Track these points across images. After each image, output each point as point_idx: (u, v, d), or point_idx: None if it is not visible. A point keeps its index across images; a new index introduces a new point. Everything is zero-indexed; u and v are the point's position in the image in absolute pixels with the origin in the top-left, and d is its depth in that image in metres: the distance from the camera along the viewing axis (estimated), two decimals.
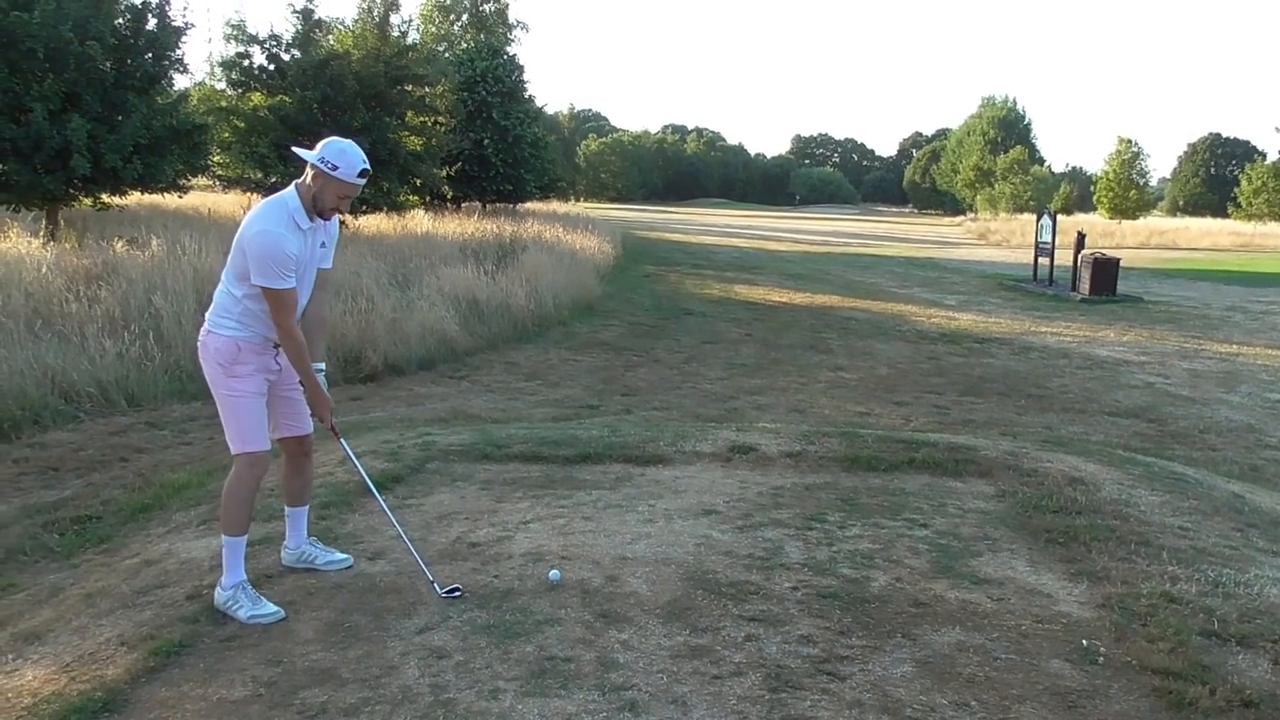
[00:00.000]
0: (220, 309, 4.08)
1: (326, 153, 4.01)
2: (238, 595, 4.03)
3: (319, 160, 3.99)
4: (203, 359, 4.12)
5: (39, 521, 5.90)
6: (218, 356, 4.06)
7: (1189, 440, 9.24)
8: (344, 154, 4.01)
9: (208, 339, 4.09)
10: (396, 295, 13.28)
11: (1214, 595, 4.25)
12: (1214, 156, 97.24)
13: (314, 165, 4.01)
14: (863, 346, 14.48)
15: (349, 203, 4.16)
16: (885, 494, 5.78)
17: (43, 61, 15.26)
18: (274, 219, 3.97)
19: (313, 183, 4.04)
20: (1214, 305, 21.33)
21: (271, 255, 3.90)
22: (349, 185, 4.05)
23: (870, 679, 3.49)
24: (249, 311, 4.03)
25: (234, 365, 4.06)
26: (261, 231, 3.94)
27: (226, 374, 4.06)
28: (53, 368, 8.78)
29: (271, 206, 4.02)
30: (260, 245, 3.92)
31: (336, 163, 3.99)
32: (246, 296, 4.00)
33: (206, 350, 4.10)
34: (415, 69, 25.44)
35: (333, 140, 4.07)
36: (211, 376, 4.11)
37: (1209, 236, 47.80)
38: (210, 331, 4.08)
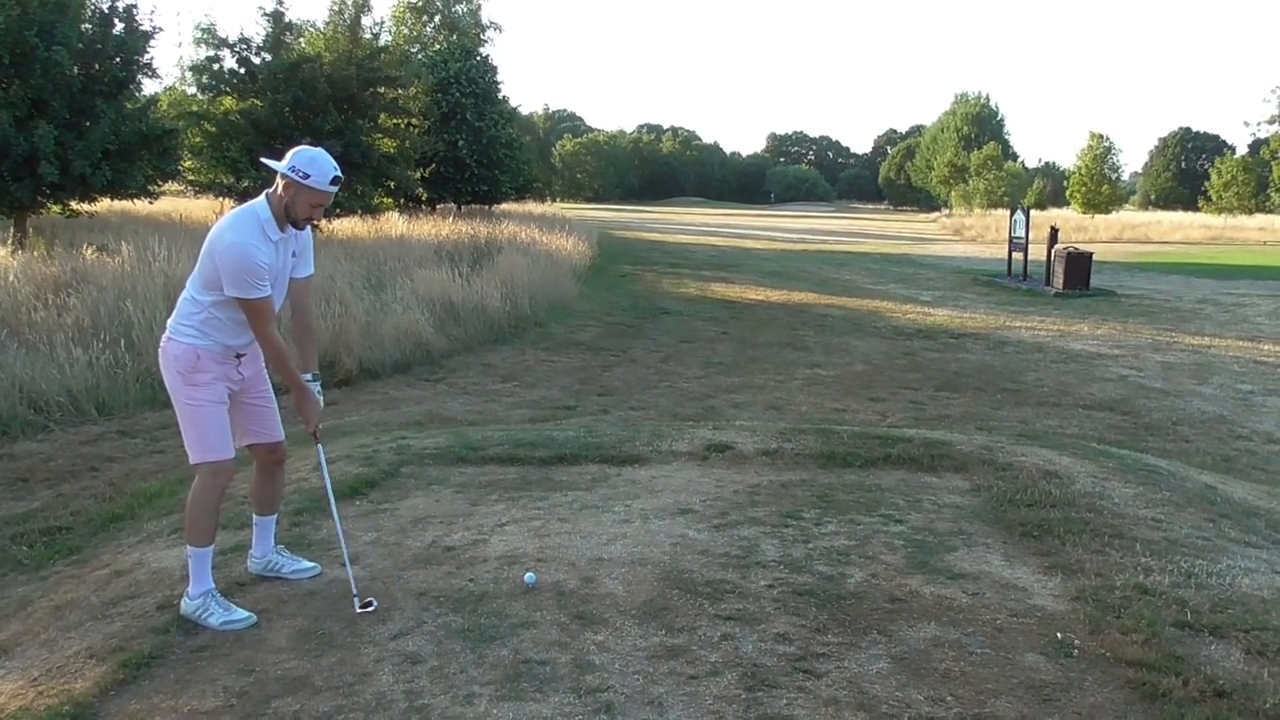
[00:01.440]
0: (182, 315, 4.01)
1: (297, 161, 3.94)
2: (208, 603, 3.98)
3: (289, 169, 3.93)
4: (163, 366, 4.06)
5: (7, 534, 5.83)
6: (177, 364, 3.99)
7: (1162, 432, 9.32)
8: (315, 161, 3.95)
9: (168, 346, 4.03)
10: (371, 298, 13.21)
11: (1187, 586, 4.27)
12: (1185, 151, 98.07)
13: (285, 175, 3.94)
14: (839, 343, 14.52)
15: (322, 211, 4.10)
16: (861, 490, 5.79)
17: (8, 67, 15.11)
18: (245, 229, 3.90)
19: (284, 192, 3.96)
20: (1186, 298, 21.53)
21: (244, 267, 3.84)
22: (321, 194, 3.99)
23: (846, 676, 3.49)
24: (212, 319, 3.97)
25: (193, 373, 3.99)
26: (233, 244, 3.86)
27: (186, 382, 3.99)
28: (21, 377, 8.68)
29: (242, 216, 3.95)
30: (233, 257, 3.84)
31: (308, 170, 3.93)
32: (213, 304, 3.94)
33: (166, 357, 4.04)
34: (388, 71, 25.33)
35: (302, 148, 4.01)
36: (171, 384, 4.05)
37: (1180, 230, 48.26)
38: (170, 339, 4.02)
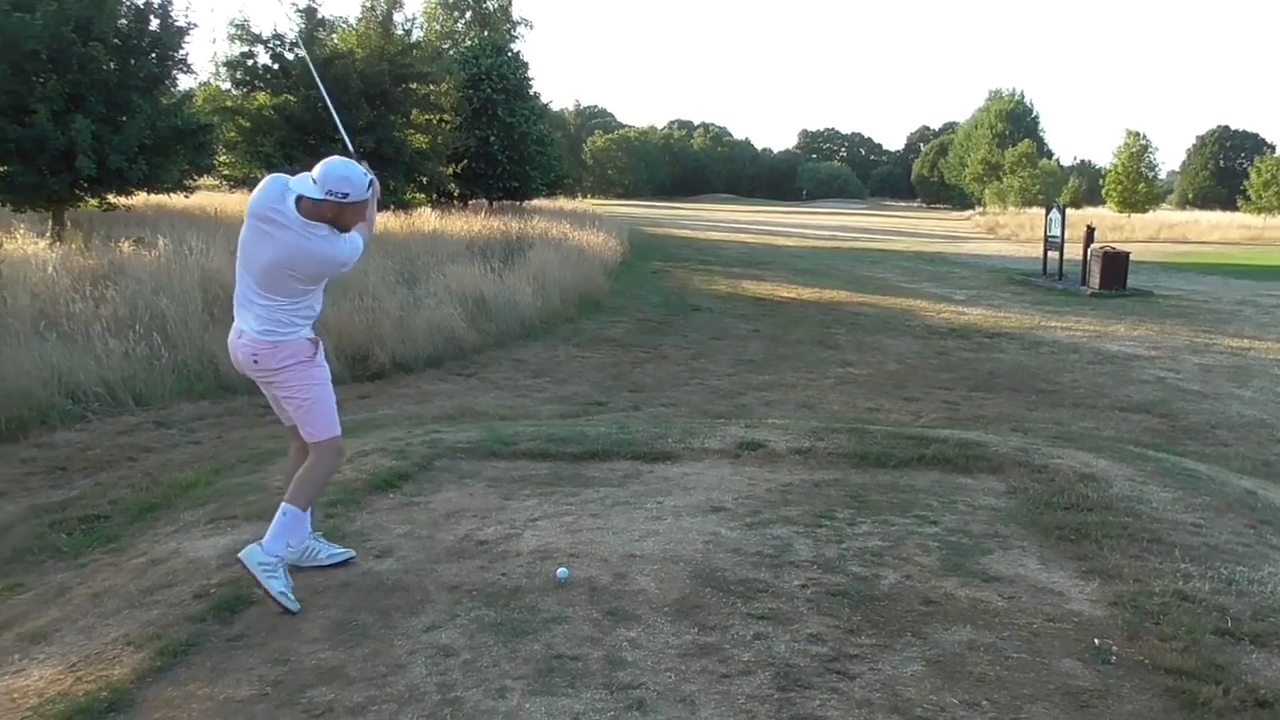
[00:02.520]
0: (282, 318, 4.09)
1: (330, 184, 4.00)
2: (278, 568, 4.02)
3: (327, 195, 3.99)
4: (277, 363, 4.11)
5: (46, 521, 5.90)
6: (300, 354, 4.13)
7: (1200, 436, 9.19)
8: (348, 180, 4.04)
9: (281, 345, 4.09)
10: (404, 293, 13.28)
11: (1227, 593, 4.20)
12: (1223, 149, 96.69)
13: (326, 200, 4.01)
14: (871, 342, 14.44)
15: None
16: (895, 491, 5.75)
17: (45, 63, 15.29)
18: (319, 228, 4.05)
19: (328, 211, 4.04)
20: (1224, 299, 21.23)
21: (333, 249, 4.07)
22: (365, 202, 4.15)
23: (880, 678, 3.46)
24: (312, 311, 4.19)
25: (314, 357, 4.18)
26: (325, 239, 4.05)
27: (312, 365, 4.17)
28: (59, 368, 8.79)
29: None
30: (322, 250, 4.05)
31: (346, 190, 4.02)
32: (310, 295, 4.15)
33: (280, 353, 4.09)
34: (419, 67, 25.48)
35: (326, 169, 4.04)
36: (294, 376, 4.15)
37: (1218, 230, 47.54)
38: (281, 341, 4.08)
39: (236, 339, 4.16)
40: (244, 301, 4.12)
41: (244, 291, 4.11)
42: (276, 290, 4.04)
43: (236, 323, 4.16)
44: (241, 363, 4.19)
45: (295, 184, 4.05)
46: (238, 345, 4.16)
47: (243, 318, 4.13)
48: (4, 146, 15.16)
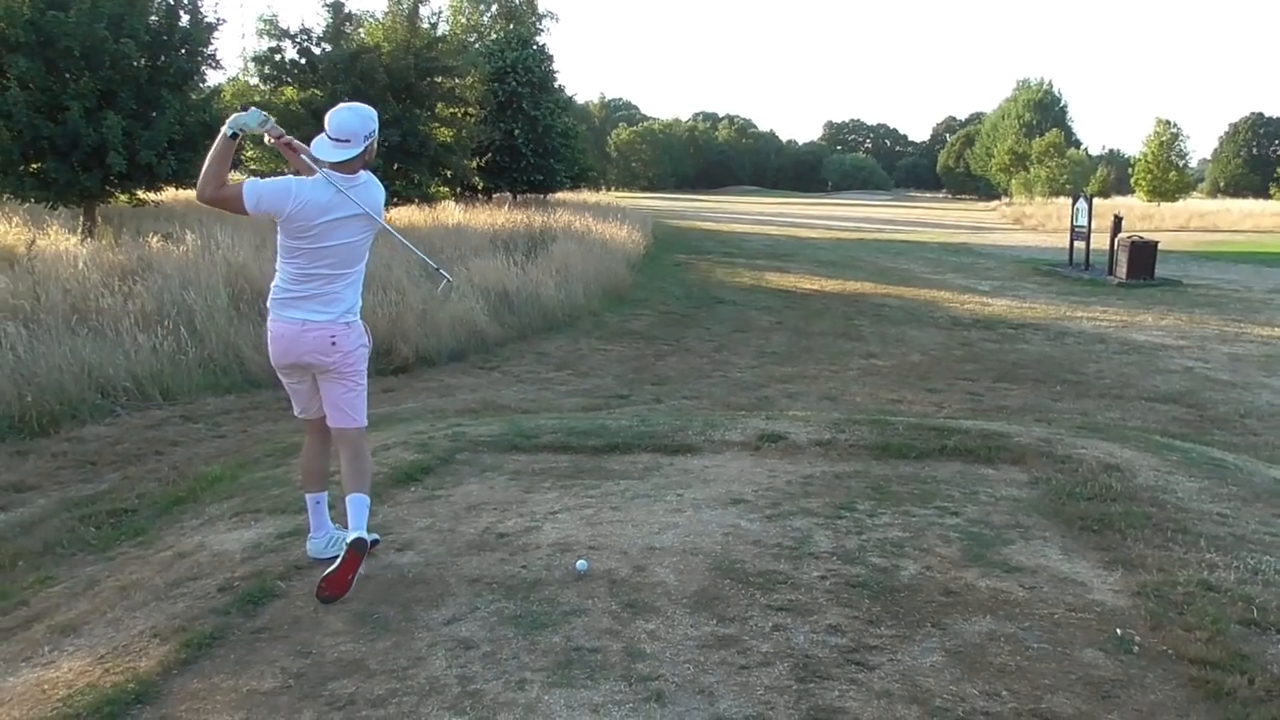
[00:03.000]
0: (351, 299, 4.28)
1: (360, 127, 4.15)
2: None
3: (365, 138, 4.15)
4: (352, 345, 4.25)
5: (76, 515, 5.99)
6: (363, 339, 4.31)
7: (1229, 425, 9.09)
8: (370, 118, 4.22)
9: (354, 327, 4.26)
10: (427, 286, 13.32)
11: (1253, 583, 4.16)
12: (1256, 136, 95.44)
13: (367, 146, 4.17)
14: (895, 333, 14.37)
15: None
16: (916, 482, 5.73)
17: (78, 60, 15.47)
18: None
19: (368, 156, 4.21)
20: (1255, 288, 20.97)
21: (380, 190, 4.38)
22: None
23: (899, 669, 3.45)
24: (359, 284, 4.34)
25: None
26: (376, 184, 4.37)
27: (368, 349, 4.37)
28: (89, 363, 8.90)
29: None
30: (378, 195, 4.37)
31: (372, 126, 4.20)
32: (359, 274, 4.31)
33: (355, 332, 4.26)
34: (445, 61, 25.54)
35: (343, 119, 4.18)
36: (357, 363, 4.30)
37: (1251, 218, 46.87)
38: (350, 322, 4.24)
39: (301, 329, 4.17)
40: (309, 293, 4.16)
41: (309, 280, 4.16)
42: (357, 259, 4.26)
43: (292, 313, 4.17)
44: (310, 349, 4.20)
45: (325, 152, 4.14)
46: (305, 334, 4.17)
47: (304, 308, 4.16)
48: (38, 144, 15.35)
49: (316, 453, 4.51)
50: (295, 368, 4.30)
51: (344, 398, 4.30)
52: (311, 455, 4.53)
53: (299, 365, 4.28)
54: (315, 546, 4.49)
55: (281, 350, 4.25)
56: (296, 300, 4.17)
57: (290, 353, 4.23)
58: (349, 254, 4.21)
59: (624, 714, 3.15)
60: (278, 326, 4.21)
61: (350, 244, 4.19)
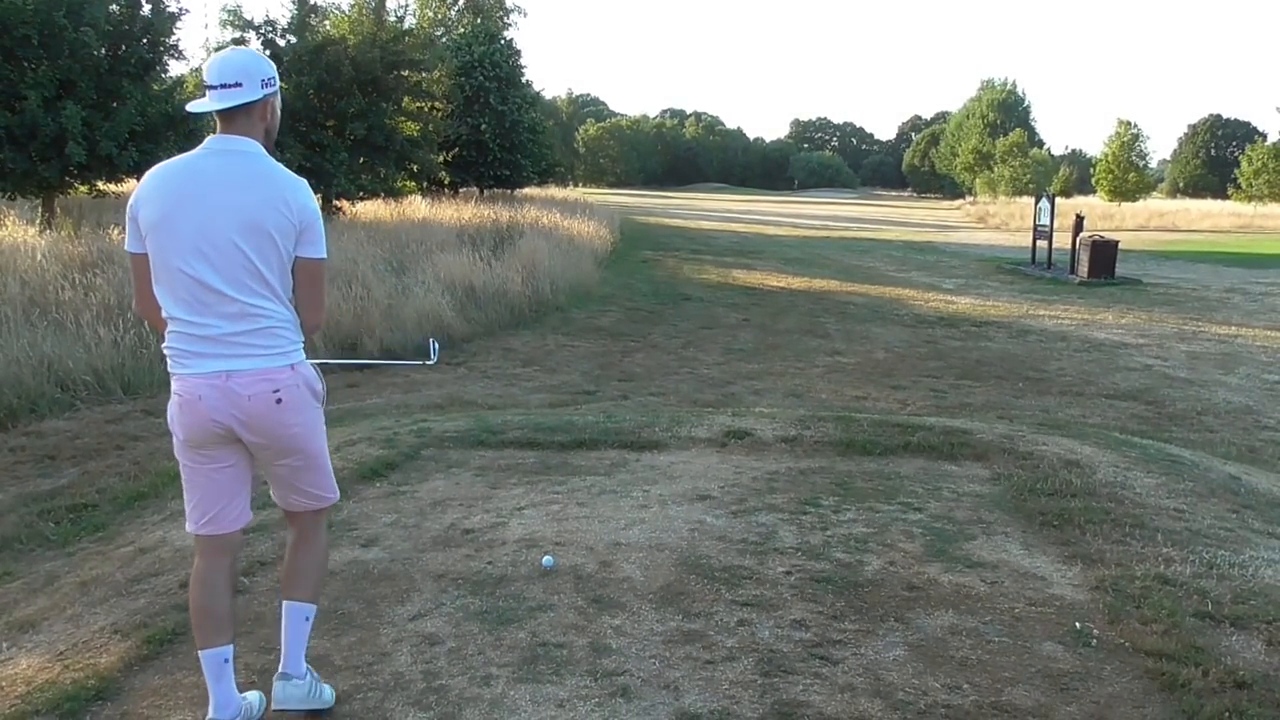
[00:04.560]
0: (290, 328, 2.97)
1: (259, 72, 2.94)
2: (314, 682, 3.20)
3: (264, 86, 2.94)
4: (294, 406, 2.94)
5: (35, 510, 5.91)
6: (314, 385, 3.03)
7: (1186, 422, 9.24)
8: (263, 59, 3.03)
9: (297, 374, 2.95)
10: (393, 281, 13.27)
11: (1208, 577, 4.24)
12: (1214, 138, 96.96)
13: (265, 95, 2.96)
14: (860, 331, 14.47)
15: None
16: (880, 478, 5.78)
17: (37, 48, 15.20)
18: (289, 172, 3.01)
19: (266, 115, 3.01)
20: (1213, 287, 21.30)
21: (320, 215, 3.03)
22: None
23: (863, 663, 3.49)
24: (298, 320, 3.03)
25: (322, 390, 3.12)
26: (309, 188, 3.01)
27: (322, 404, 3.10)
28: (49, 356, 8.78)
29: (263, 157, 2.97)
30: (316, 205, 3.01)
31: (273, 71, 3.01)
32: (289, 296, 2.98)
33: (301, 388, 2.96)
34: (412, 54, 25.37)
35: (240, 60, 2.96)
36: (311, 421, 3.02)
37: (1209, 218, 47.60)
38: (293, 365, 2.94)
39: (223, 384, 2.84)
40: (220, 329, 2.86)
41: (212, 308, 2.86)
42: (262, 258, 2.89)
43: (209, 365, 2.86)
44: (248, 414, 2.87)
45: (197, 106, 3.00)
46: (229, 392, 2.85)
47: (218, 353, 2.86)
48: None
49: (218, 586, 3.07)
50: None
51: (301, 476, 3.09)
52: (210, 589, 3.06)
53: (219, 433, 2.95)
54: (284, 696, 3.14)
55: (202, 422, 2.91)
56: (205, 344, 2.90)
57: (214, 422, 2.90)
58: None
59: (589, 709, 3.16)
60: (194, 384, 2.90)
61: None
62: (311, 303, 3.02)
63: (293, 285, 2.98)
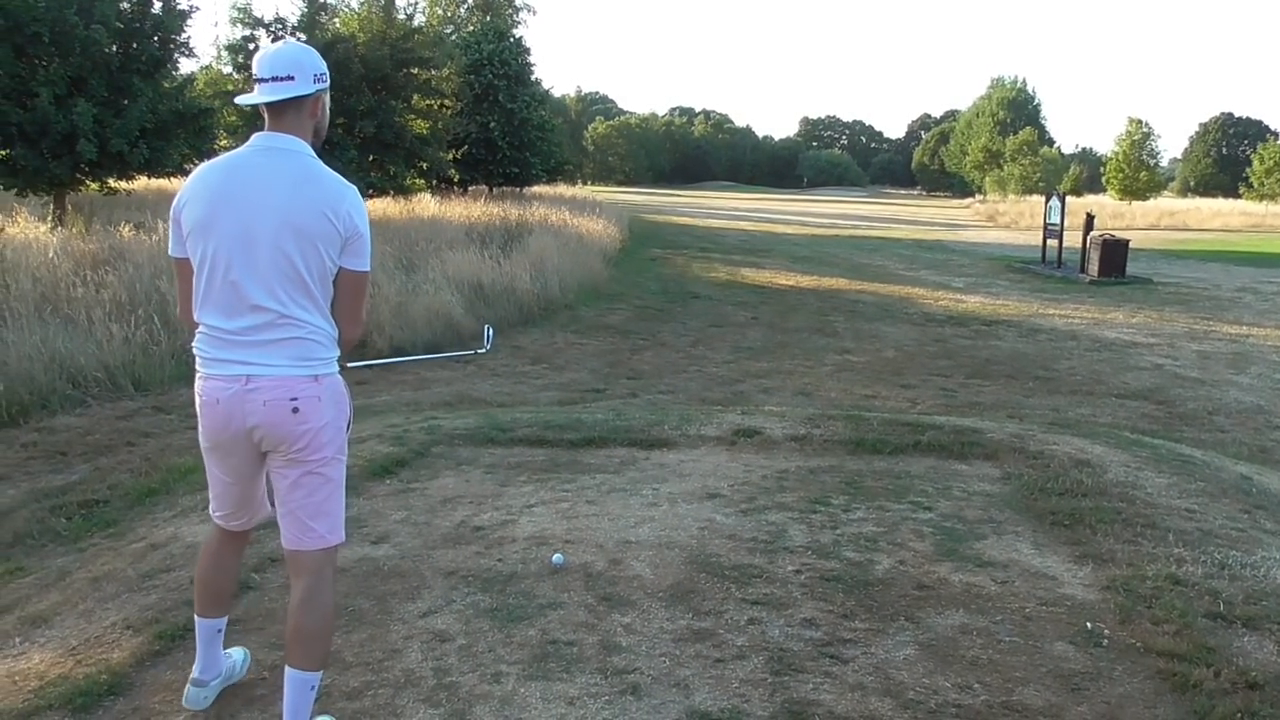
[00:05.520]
0: (323, 337, 2.86)
1: (311, 67, 2.84)
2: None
3: (315, 81, 2.84)
4: (311, 416, 2.81)
5: (46, 506, 5.92)
6: (342, 404, 2.92)
7: (1197, 422, 9.20)
8: (315, 53, 2.90)
9: (320, 385, 2.83)
10: (402, 279, 13.28)
11: (1220, 577, 4.23)
12: (1226, 136, 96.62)
13: (316, 90, 2.86)
14: (869, 329, 14.44)
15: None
16: (890, 477, 5.77)
17: (48, 46, 15.24)
18: (339, 177, 2.89)
19: (316, 111, 2.92)
20: (1224, 286, 21.22)
21: (369, 225, 2.91)
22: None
23: (873, 662, 3.48)
24: (336, 333, 2.92)
25: (349, 407, 2.99)
26: (359, 196, 2.89)
27: (348, 425, 2.97)
28: (60, 352, 8.80)
29: (314, 160, 2.86)
30: (366, 214, 2.88)
31: (324, 67, 2.91)
32: (328, 307, 2.88)
33: (329, 403, 2.85)
34: (421, 52, 25.41)
35: (292, 54, 2.84)
36: (329, 437, 2.88)
37: (1220, 217, 47.43)
38: (318, 376, 2.83)
39: (242, 388, 2.78)
40: (248, 336, 2.80)
41: (246, 315, 2.80)
42: (306, 265, 2.80)
43: (231, 369, 2.81)
44: (262, 420, 2.80)
45: (247, 100, 2.86)
46: (246, 397, 2.79)
47: (243, 359, 2.81)
48: (6, 130, 15.12)
49: (227, 565, 3.21)
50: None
51: (311, 500, 2.93)
52: (219, 566, 3.19)
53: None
54: (198, 697, 3.14)
55: (227, 423, 2.89)
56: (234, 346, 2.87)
57: (238, 426, 2.86)
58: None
59: (599, 706, 3.17)
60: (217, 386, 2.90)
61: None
62: (352, 316, 2.93)
63: (333, 296, 2.87)
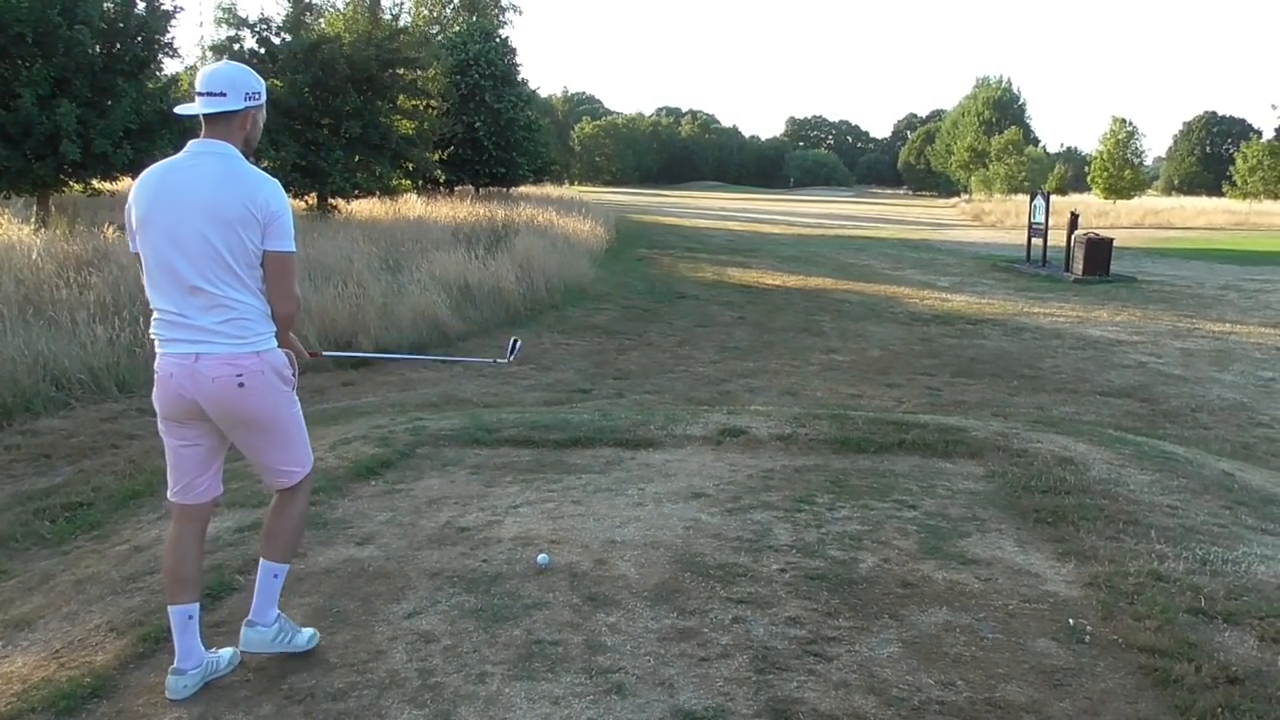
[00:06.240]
0: (256, 316, 3.21)
1: (244, 85, 3.24)
2: (285, 625, 3.50)
3: (247, 99, 3.23)
4: (257, 390, 3.21)
5: (30, 508, 5.90)
6: (283, 371, 3.29)
7: (1180, 419, 9.26)
8: (251, 74, 3.31)
9: (268, 359, 3.23)
10: (388, 279, 13.26)
11: (1201, 573, 4.26)
12: (1210, 135, 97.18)
13: (246, 107, 3.24)
14: (855, 329, 14.49)
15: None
16: (875, 476, 5.79)
17: (31, 46, 15.18)
18: (260, 172, 3.27)
19: (246, 125, 3.28)
20: (1208, 284, 21.35)
21: (289, 211, 3.25)
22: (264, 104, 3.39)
23: (857, 659, 3.50)
24: (270, 310, 3.27)
25: (291, 376, 3.36)
26: (278, 190, 3.22)
27: (292, 388, 3.36)
28: (44, 354, 8.76)
29: (237, 159, 3.23)
30: (284, 198, 3.23)
31: (258, 87, 3.30)
32: (262, 289, 3.23)
33: (266, 373, 3.22)
34: (407, 52, 25.36)
35: (229, 72, 3.26)
36: (276, 404, 3.29)
37: (1204, 215, 47.70)
38: (259, 352, 3.20)
39: (192, 365, 3.18)
40: (193, 318, 3.18)
41: (187, 298, 3.17)
42: (229, 251, 3.16)
43: (181, 348, 3.22)
44: (211, 395, 3.19)
45: (185, 109, 3.28)
46: (196, 373, 3.18)
47: (190, 339, 3.19)
48: None
49: (189, 549, 3.40)
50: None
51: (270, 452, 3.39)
52: (181, 552, 3.38)
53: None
54: (178, 686, 3.27)
55: (182, 397, 3.31)
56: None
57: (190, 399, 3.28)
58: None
59: (584, 706, 3.17)
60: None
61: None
62: (282, 293, 3.26)
63: (263, 277, 3.22)
